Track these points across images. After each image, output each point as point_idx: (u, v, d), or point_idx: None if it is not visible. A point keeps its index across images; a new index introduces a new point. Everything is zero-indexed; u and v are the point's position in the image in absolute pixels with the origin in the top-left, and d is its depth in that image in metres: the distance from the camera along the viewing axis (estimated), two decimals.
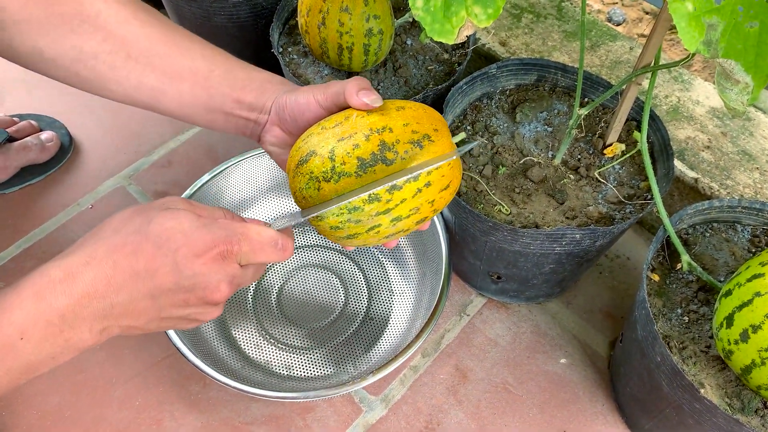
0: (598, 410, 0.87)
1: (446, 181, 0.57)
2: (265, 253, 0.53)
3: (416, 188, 0.54)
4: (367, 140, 0.53)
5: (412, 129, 0.55)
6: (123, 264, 0.48)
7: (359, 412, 0.87)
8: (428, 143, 0.55)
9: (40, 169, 1.09)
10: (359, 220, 0.54)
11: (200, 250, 0.49)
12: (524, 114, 0.91)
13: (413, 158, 0.54)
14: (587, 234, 0.76)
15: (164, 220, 0.49)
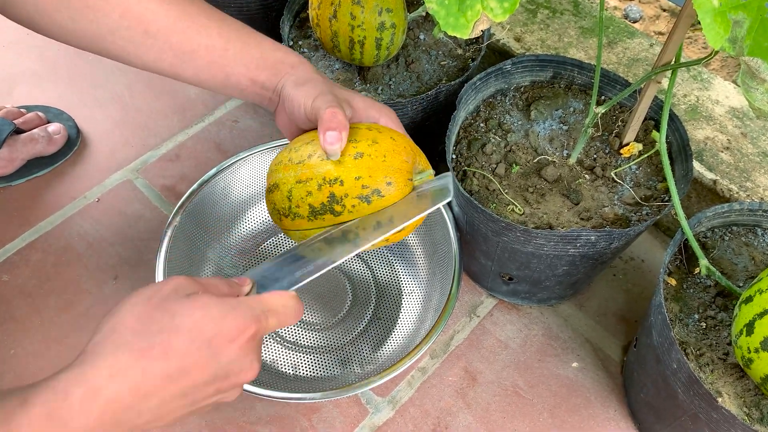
0: (610, 416, 0.85)
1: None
2: (289, 323, 0.51)
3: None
4: (318, 190, 0.57)
5: (362, 183, 0.57)
6: (154, 369, 0.43)
7: (366, 414, 0.85)
8: (376, 198, 0.57)
9: (47, 162, 1.08)
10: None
11: (234, 335, 0.46)
12: (539, 112, 0.89)
13: (360, 212, 0.57)
14: (602, 236, 0.74)
15: (191, 310, 0.45)
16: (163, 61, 0.66)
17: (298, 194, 0.58)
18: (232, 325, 0.46)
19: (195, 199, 0.88)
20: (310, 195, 0.57)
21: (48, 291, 0.96)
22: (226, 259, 0.95)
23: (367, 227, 0.57)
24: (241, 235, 0.97)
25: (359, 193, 0.57)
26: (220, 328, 0.45)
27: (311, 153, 0.59)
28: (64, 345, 0.90)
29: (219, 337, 0.45)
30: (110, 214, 1.04)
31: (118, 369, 0.42)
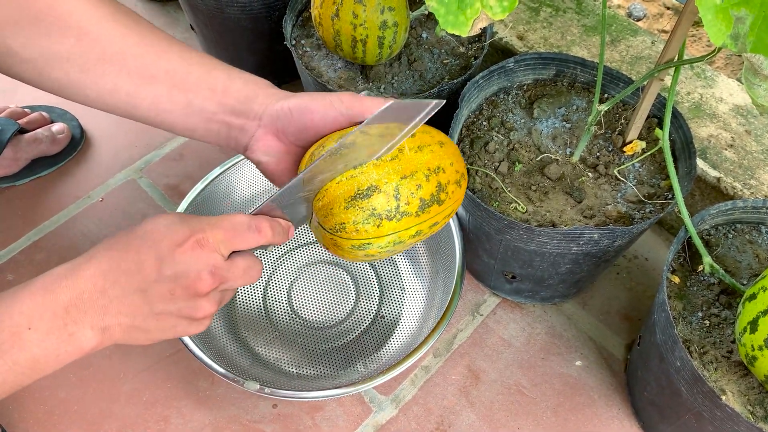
0: (613, 414, 0.85)
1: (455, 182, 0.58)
2: (241, 238, 0.52)
3: (446, 217, 0.58)
4: (427, 181, 0.54)
5: (455, 169, 0.57)
6: (116, 259, 0.50)
7: (369, 412, 0.85)
8: (464, 181, 0.59)
9: (50, 161, 1.08)
10: (395, 250, 0.57)
11: (180, 240, 0.50)
12: (542, 110, 0.88)
13: (455, 197, 0.57)
14: (606, 234, 0.74)
15: (150, 219, 0.52)
16: (120, 90, 0.61)
17: (408, 190, 0.53)
18: (179, 232, 0.50)
19: (198, 198, 0.89)
20: (421, 188, 0.54)
21: None
22: None
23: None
24: None
25: (456, 178, 0.57)
26: (168, 232, 0.50)
27: (399, 147, 0.55)
28: None
29: (166, 240, 0.50)
30: (114, 214, 1.04)
31: (92, 256, 0.50)
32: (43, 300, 0.48)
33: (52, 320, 0.48)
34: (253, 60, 1.15)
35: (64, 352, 0.49)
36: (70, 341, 0.49)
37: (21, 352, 0.48)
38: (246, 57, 1.14)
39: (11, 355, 0.48)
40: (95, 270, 0.49)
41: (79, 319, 0.49)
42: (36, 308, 0.48)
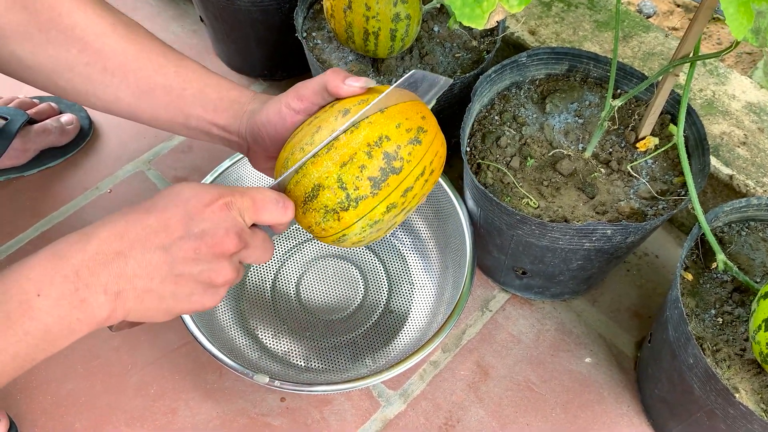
0: (623, 412, 0.84)
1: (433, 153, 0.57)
2: (268, 210, 0.53)
3: (418, 177, 0.56)
4: (370, 157, 0.52)
5: (405, 128, 0.54)
6: (135, 220, 0.48)
7: (377, 407, 0.85)
8: (423, 135, 0.55)
9: (59, 152, 1.08)
10: (380, 227, 0.56)
11: (208, 201, 0.49)
12: (554, 105, 0.88)
13: (416, 156, 0.54)
14: (618, 230, 0.73)
15: (174, 185, 0.51)
16: (121, 101, 0.65)
17: (352, 175, 0.52)
18: (207, 193, 0.50)
19: None
20: (365, 168, 0.52)
21: None
22: None
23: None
24: None
25: (408, 138, 0.54)
26: (196, 193, 0.50)
27: (330, 131, 0.53)
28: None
29: (194, 199, 0.49)
30: (122, 205, 1.03)
31: (107, 220, 0.49)
32: (53, 265, 0.46)
33: (62, 284, 0.46)
34: (262, 52, 1.15)
35: (76, 320, 0.47)
36: (81, 308, 0.46)
37: (32, 322, 0.46)
38: (256, 49, 1.14)
39: (22, 324, 0.45)
40: (110, 232, 0.47)
41: (91, 282, 0.46)
42: (46, 274, 0.46)
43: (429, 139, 0.56)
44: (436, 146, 0.57)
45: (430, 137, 0.56)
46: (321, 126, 0.55)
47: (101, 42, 0.63)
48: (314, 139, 0.54)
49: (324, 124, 0.55)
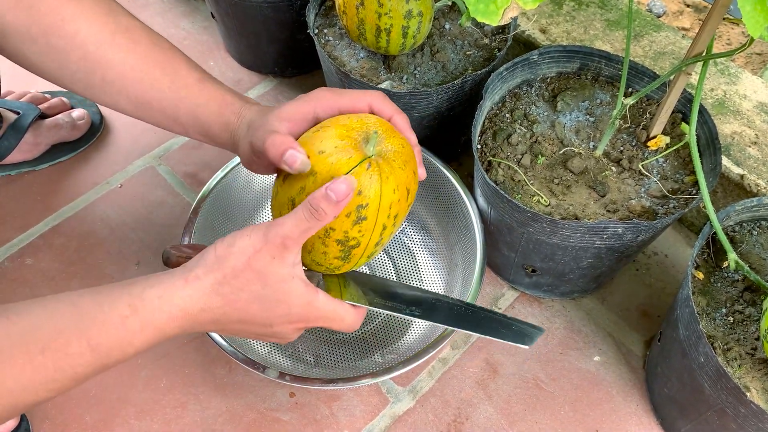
0: (632, 410, 0.84)
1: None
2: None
3: (384, 227, 0.60)
4: (325, 246, 0.60)
5: (344, 213, 0.57)
6: (236, 310, 0.56)
7: (386, 403, 0.85)
8: (364, 211, 0.58)
9: (70, 147, 1.08)
10: (378, 250, 0.64)
11: (296, 320, 0.58)
12: (565, 103, 0.88)
13: (367, 227, 0.59)
14: (630, 228, 0.74)
15: (287, 277, 0.55)
16: (124, 107, 0.68)
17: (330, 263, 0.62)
18: (300, 316, 0.58)
19: (219, 186, 0.88)
20: (326, 254, 0.60)
21: (71, 275, 0.96)
22: None
23: None
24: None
25: (351, 221, 0.58)
26: (291, 317, 0.58)
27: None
28: None
29: (285, 319, 0.58)
30: (133, 200, 1.04)
31: (210, 302, 0.54)
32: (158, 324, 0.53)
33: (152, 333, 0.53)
34: (274, 49, 1.15)
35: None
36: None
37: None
38: (267, 46, 1.14)
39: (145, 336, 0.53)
40: (209, 317, 0.55)
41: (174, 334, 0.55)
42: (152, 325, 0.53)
43: (373, 208, 0.57)
44: (387, 197, 0.58)
45: (374, 202, 0.57)
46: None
47: (101, 52, 0.64)
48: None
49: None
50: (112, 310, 0.51)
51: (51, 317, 0.50)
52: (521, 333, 0.63)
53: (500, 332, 0.63)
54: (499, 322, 0.64)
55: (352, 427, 0.83)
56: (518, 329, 0.64)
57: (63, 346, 0.49)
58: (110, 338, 0.51)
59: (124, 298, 0.51)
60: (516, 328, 0.64)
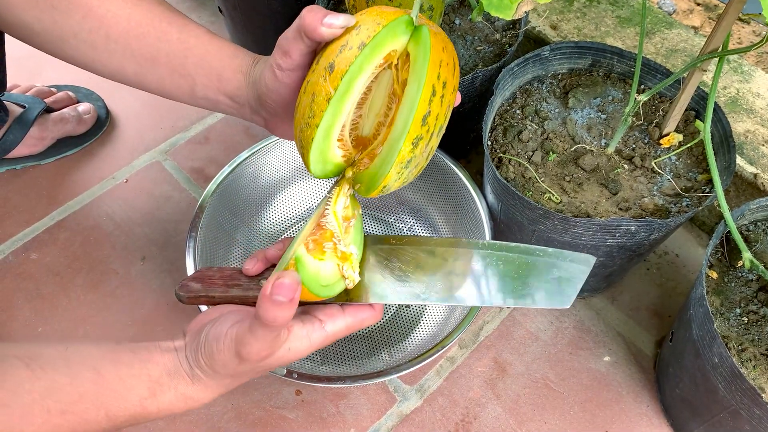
0: (642, 411, 0.83)
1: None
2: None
3: (431, 99, 0.52)
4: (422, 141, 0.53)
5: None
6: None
7: (393, 402, 0.84)
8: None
9: (76, 141, 1.08)
10: (417, 163, 0.54)
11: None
12: (577, 99, 0.87)
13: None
14: (643, 226, 0.72)
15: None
16: (126, 69, 0.63)
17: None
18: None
19: (226, 181, 0.88)
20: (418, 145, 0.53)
21: (76, 270, 0.95)
22: (255, 244, 0.94)
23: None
24: (270, 220, 0.96)
25: None
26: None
27: (324, 97, 0.51)
28: (92, 324, 0.90)
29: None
30: (138, 195, 1.03)
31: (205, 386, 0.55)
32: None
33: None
34: None
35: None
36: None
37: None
38: (274, 40, 1.13)
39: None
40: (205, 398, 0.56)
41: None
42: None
43: (422, 52, 0.51)
44: (437, 55, 0.51)
45: (423, 51, 0.51)
46: (315, 92, 0.52)
47: (105, 7, 0.60)
48: (314, 110, 0.52)
49: (316, 89, 0.52)
50: (132, 390, 0.52)
51: (74, 380, 0.51)
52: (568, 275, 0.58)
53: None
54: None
55: (358, 426, 0.82)
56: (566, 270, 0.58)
57: (82, 411, 0.51)
58: (127, 413, 0.52)
59: (144, 379, 0.53)
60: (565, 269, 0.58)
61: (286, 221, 0.97)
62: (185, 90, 0.63)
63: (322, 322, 0.55)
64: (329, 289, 0.55)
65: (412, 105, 0.51)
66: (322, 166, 0.55)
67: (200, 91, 0.62)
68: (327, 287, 0.55)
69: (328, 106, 0.51)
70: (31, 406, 0.49)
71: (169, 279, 0.94)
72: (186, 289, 0.61)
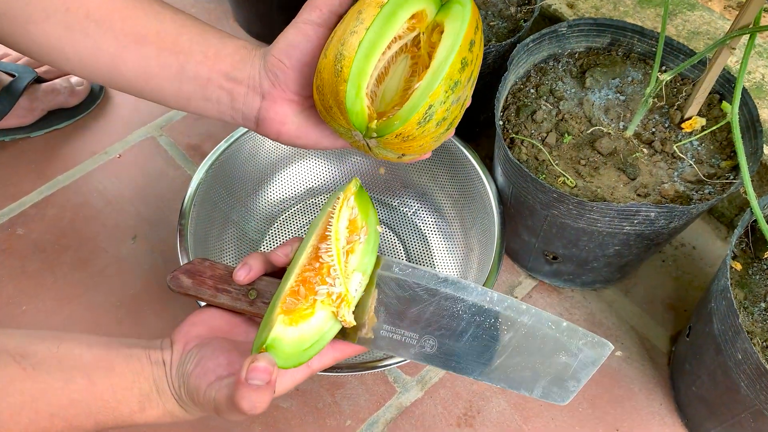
0: (655, 410, 0.79)
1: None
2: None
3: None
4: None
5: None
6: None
7: (393, 393, 0.80)
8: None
9: (67, 114, 1.03)
10: (459, 98, 0.50)
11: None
12: (594, 80, 0.82)
13: None
14: (663, 213, 0.68)
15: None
16: (102, 53, 0.54)
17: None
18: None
19: (222, 158, 0.83)
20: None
21: (63, 247, 0.91)
22: (251, 224, 0.89)
23: None
24: (267, 200, 0.92)
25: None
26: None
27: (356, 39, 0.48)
28: (77, 304, 0.86)
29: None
30: (132, 172, 0.99)
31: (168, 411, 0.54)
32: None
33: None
34: (284, 18, 1.07)
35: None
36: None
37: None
38: (277, 14, 1.09)
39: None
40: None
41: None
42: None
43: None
44: (475, 13, 0.50)
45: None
46: (361, 8, 0.48)
47: None
48: (363, 18, 0.47)
49: (363, 5, 0.49)
50: (124, 403, 0.51)
51: (67, 384, 0.50)
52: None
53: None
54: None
55: (355, 417, 0.78)
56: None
57: (71, 417, 0.50)
58: (116, 423, 0.52)
59: (135, 392, 0.52)
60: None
61: (284, 202, 0.93)
62: (173, 70, 0.54)
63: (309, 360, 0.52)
64: (318, 344, 0.51)
65: (458, 32, 0.48)
66: (356, 93, 0.48)
67: (192, 68, 0.54)
68: (315, 344, 0.51)
69: (379, 12, 0.47)
70: (20, 407, 0.48)
71: (160, 259, 0.90)
72: (177, 282, 0.58)
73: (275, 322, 0.50)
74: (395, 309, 0.54)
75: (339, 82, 0.47)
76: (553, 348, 0.52)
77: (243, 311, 0.57)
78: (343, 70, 0.47)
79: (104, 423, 0.52)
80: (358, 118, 0.48)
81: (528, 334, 0.52)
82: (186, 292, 0.58)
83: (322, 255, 0.53)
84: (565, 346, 0.52)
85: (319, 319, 0.51)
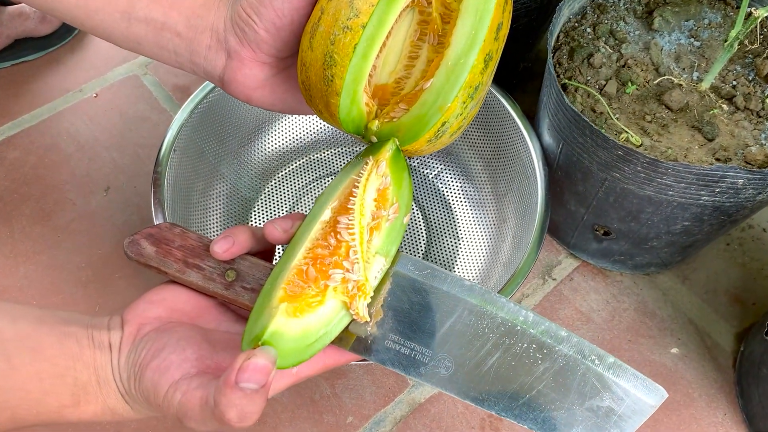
0: (717, 420, 0.66)
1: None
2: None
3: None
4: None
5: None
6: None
7: (404, 387, 0.67)
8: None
9: (38, 44, 0.91)
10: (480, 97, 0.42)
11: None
12: (664, 20, 0.68)
13: None
14: (755, 180, 0.54)
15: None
16: None
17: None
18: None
19: (210, 97, 0.70)
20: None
21: (23, 197, 0.78)
22: (243, 179, 0.76)
23: None
24: (264, 152, 0.78)
25: None
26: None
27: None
28: (36, 263, 0.73)
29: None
30: (109, 114, 0.86)
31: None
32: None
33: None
34: None
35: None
36: None
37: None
38: None
39: None
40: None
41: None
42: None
43: None
44: None
45: None
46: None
47: None
48: (359, 8, 0.38)
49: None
50: (51, 395, 0.40)
51: None
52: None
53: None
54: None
55: (358, 413, 0.65)
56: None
57: None
58: (39, 419, 0.41)
59: (69, 382, 0.40)
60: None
61: (284, 155, 0.79)
62: (120, 6, 0.45)
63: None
64: (323, 340, 0.39)
65: (482, 14, 0.39)
66: (350, 100, 0.40)
67: (142, 9, 0.45)
68: (319, 340, 0.38)
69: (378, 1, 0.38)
70: None
71: (136, 215, 0.77)
72: (136, 248, 0.44)
73: (277, 311, 0.37)
74: (406, 317, 0.41)
75: (330, 93, 0.40)
76: (596, 387, 0.39)
77: (215, 294, 0.43)
78: (334, 80, 0.39)
79: (23, 419, 0.40)
80: (354, 124, 0.42)
81: (566, 367, 0.40)
82: (147, 262, 0.44)
83: (341, 231, 0.39)
84: (609, 386, 0.39)
85: (328, 309, 0.38)
